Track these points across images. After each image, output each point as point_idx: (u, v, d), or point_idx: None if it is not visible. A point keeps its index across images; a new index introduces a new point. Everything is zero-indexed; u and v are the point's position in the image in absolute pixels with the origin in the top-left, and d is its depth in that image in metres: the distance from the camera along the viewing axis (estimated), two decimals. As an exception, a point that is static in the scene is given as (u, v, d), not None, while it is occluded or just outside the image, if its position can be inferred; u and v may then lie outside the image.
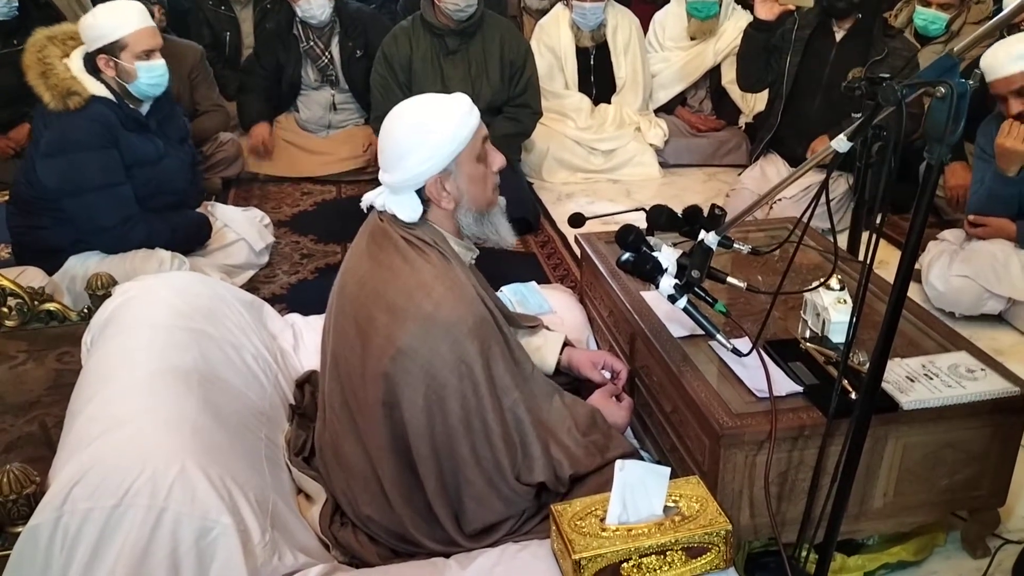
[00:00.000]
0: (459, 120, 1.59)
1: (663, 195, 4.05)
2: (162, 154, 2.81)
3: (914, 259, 1.34)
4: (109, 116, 2.65)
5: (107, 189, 2.68)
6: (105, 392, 1.58)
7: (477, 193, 1.66)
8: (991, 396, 1.66)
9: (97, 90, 2.65)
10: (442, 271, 1.60)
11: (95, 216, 2.71)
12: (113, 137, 2.66)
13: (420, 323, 1.54)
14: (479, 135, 1.63)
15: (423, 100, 1.64)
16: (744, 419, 1.63)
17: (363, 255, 1.68)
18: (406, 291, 1.57)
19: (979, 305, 2.75)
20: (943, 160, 1.27)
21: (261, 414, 1.81)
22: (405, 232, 1.63)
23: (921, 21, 3.81)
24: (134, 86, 2.71)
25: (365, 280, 1.64)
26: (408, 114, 1.62)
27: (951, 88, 1.23)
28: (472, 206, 1.66)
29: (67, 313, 2.16)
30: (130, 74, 2.68)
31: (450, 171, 1.60)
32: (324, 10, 4.07)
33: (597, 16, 4.23)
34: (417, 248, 1.61)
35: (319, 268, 3.32)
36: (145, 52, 2.70)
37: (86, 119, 2.61)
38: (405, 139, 1.58)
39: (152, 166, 2.78)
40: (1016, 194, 2.75)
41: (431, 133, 1.56)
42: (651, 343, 1.91)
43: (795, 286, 2.08)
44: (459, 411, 1.56)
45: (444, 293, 1.56)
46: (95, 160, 2.63)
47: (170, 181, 2.86)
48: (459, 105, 1.61)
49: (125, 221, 2.74)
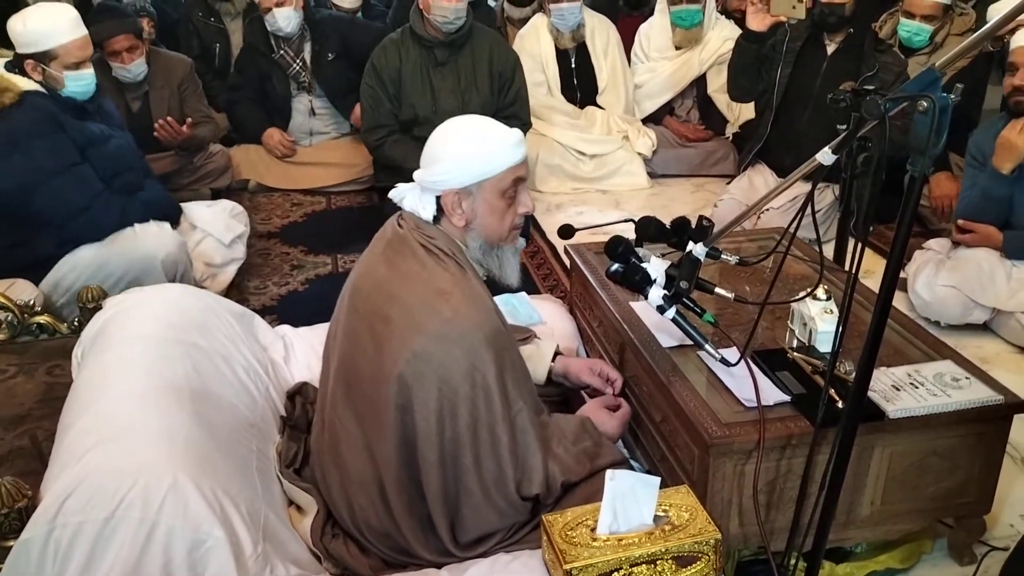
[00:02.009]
0: (497, 149, 1.62)
1: (652, 205, 4.08)
2: (108, 134, 2.80)
3: (898, 270, 1.36)
4: (47, 104, 2.62)
5: (67, 171, 2.64)
6: (96, 405, 1.58)
7: (491, 225, 1.67)
8: (975, 404, 1.69)
9: (28, 86, 2.62)
10: (460, 279, 1.61)
11: (64, 201, 2.65)
12: (57, 123, 2.63)
13: (437, 328, 1.55)
14: (513, 173, 1.65)
15: (482, 120, 1.70)
16: (733, 428, 1.64)
17: (380, 259, 1.69)
18: (424, 296, 1.58)
19: (965, 315, 2.78)
20: (925, 172, 1.29)
21: (252, 426, 1.82)
22: (424, 239, 1.64)
23: (905, 33, 3.85)
24: (62, 91, 2.68)
25: (381, 283, 1.65)
26: (461, 126, 1.67)
27: (933, 102, 1.25)
28: (483, 234, 1.68)
29: (57, 326, 2.16)
30: (57, 82, 2.66)
31: (471, 192, 1.63)
32: (290, 21, 4.11)
33: (575, 16, 4.29)
34: (435, 256, 1.63)
35: (309, 279, 3.33)
36: (75, 63, 2.67)
37: (26, 110, 2.58)
38: (443, 145, 1.64)
39: (104, 145, 2.77)
40: (1007, 196, 2.78)
41: (462, 149, 1.61)
42: (640, 353, 1.92)
43: (783, 296, 2.10)
44: (468, 419, 1.57)
45: (462, 300, 1.58)
46: (46, 146, 2.59)
47: (125, 160, 2.85)
48: (507, 137, 1.65)
49: (95, 199, 2.70)
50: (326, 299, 1.85)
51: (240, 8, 4.87)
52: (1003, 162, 2.70)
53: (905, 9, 3.87)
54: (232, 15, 4.85)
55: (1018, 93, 2.67)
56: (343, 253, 3.52)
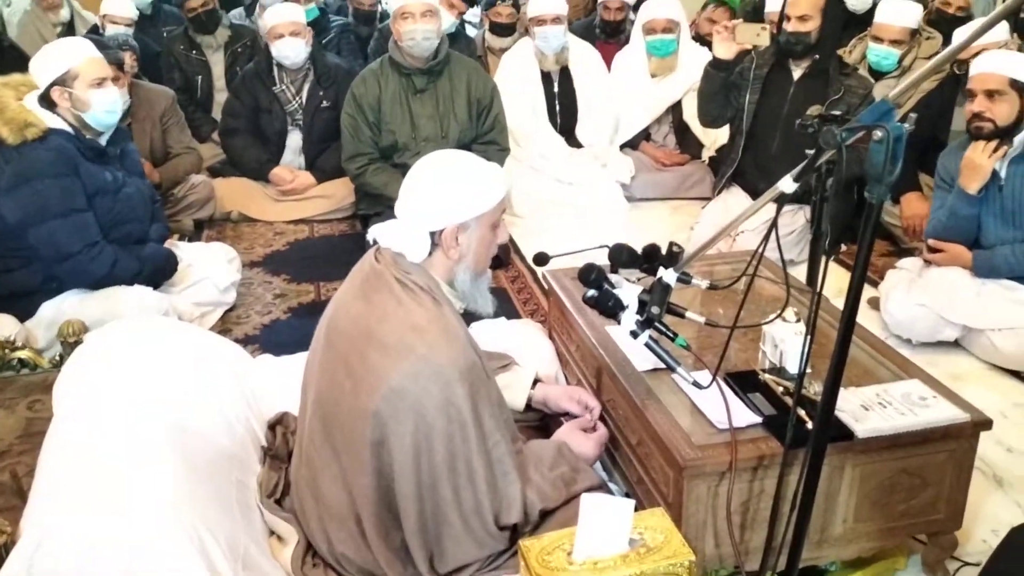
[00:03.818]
0: (496, 185, 1.69)
1: (630, 228, 4.12)
2: (121, 184, 2.84)
3: (860, 291, 1.40)
4: (68, 146, 2.67)
5: (69, 216, 2.68)
6: (76, 442, 1.60)
7: (481, 256, 1.73)
8: (942, 423, 1.72)
9: (54, 123, 2.68)
10: (435, 315, 1.64)
11: (58, 243, 2.69)
12: (73, 166, 2.68)
13: (413, 364, 1.57)
14: (502, 206, 1.73)
15: (468, 155, 1.75)
16: (706, 451, 1.67)
17: (356, 294, 1.72)
18: (399, 332, 1.61)
19: (935, 332, 2.83)
20: (882, 199, 1.34)
21: (232, 457, 1.83)
22: (400, 275, 1.67)
23: (874, 57, 3.94)
24: (90, 116, 2.73)
25: (357, 320, 1.68)
26: (458, 159, 1.72)
27: (887, 132, 1.30)
28: (472, 265, 1.73)
29: (38, 361, 2.17)
30: (85, 103, 2.71)
31: (468, 226, 1.68)
32: (299, 53, 4.14)
33: (558, 38, 4.36)
34: (411, 291, 1.66)
35: (292, 308, 3.35)
36: (97, 80, 2.73)
37: (45, 149, 2.63)
38: (450, 178, 1.66)
39: (113, 195, 2.80)
40: (975, 215, 2.84)
41: (475, 184, 1.66)
42: (616, 377, 1.95)
43: (756, 318, 2.13)
44: (445, 452, 1.59)
45: (437, 336, 1.61)
46: (56, 187, 2.64)
47: (132, 210, 2.88)
48: (496, 173, 1.72)
49: (89, 247, 2.73)
50: (309, 328, 1.87)
51: (221, 41, 4.93)
52: (969, 182, 2.76)
53: (873, 34, 3.97)
54: (214, 48, 4.91)
55: (977, 119, 2.74)
56: (326, 281, 3.54)
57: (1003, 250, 2.79)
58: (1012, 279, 2.79)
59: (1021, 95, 2.69)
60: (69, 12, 5.44)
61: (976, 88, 2.74)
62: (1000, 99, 2.70)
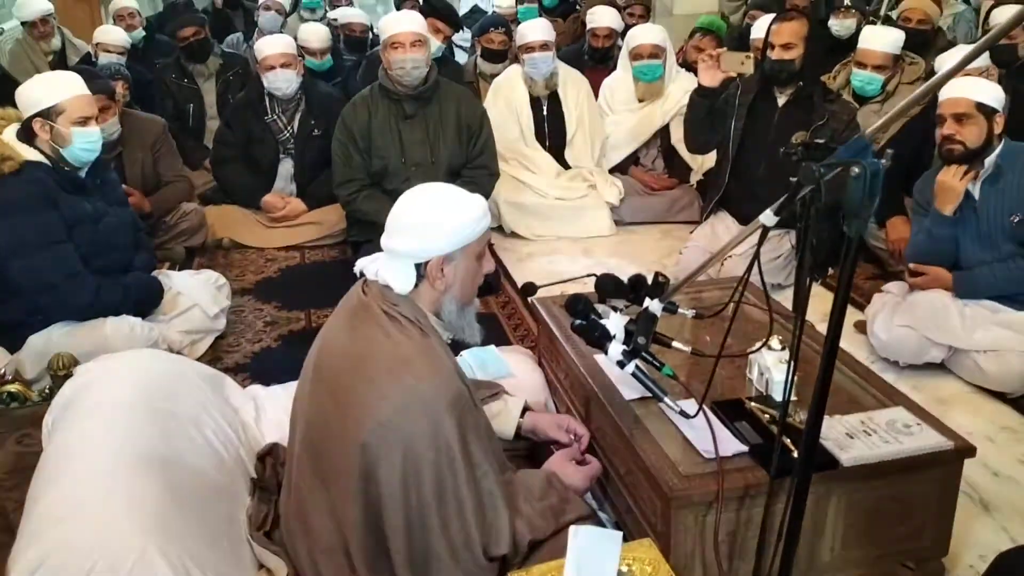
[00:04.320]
0: (479, 215, 1.72)
1: (620, 252, 4.15)
2: (101, 214, 2.84)
3: (840, 325, 1.42)
4: (45, 178, 2.68)
5: (49, 247, 2.67)
6: (65, 477, 1.60)
7: (467, 286, 1.76)
8: (926, 451, 1.74)
9: (31, 155, 2.68)
10: (422, 346, 1.66)
11: (39, 275, 2.69)
12: (51, 198, 2.68)
13: (401, 396, 1.59)
14: (486, 236, 1.77)
15: (452, 187, 1.77)
16: (693, 481, 1.68)
17: (344, 327, 1.74)
18: (387, 364, 1.62)
19: (921, 354, 2.85)
20: (860, 233, 1.36)
21: (222, 490, 1.84)
22: (387, 307, 1.69)
23: (858, 82, 3.99)
24: (68, 151, 2.74)
25: (346, 352, 1.69)
26: (438, 192, 1.73)
27: (864, 168, 1.32)
28: (458, 296, 1.75)
29: (28, 394, 2.17)
30: (65, 139, 2.72)
31: (453, 258, 1.70)
32: (291, 84, 4.16)
33: (548, 64, 4.40)
34: (398, 323, 1.67)
35: (283, 336, 3.35)
36: (81, 119, 2.74)
37: (22, 182, 2.63)
38: (430, 212, 1.68)
39: (93, 225, 2.80)
40: (951, 236, 2.88)
41: (455, 216, 1.68)
42: (604, 406, 1.97)
43: (742, 345, 2.15)
44: (433, 484, 1.60)
45: (425, 368, 1.62)
46: (34, 220, 2.64)
47: (113, 240, 2.88)
48: (480, 204, 1.74)
49: (70, 278, 2.73)
50: (299, 356, 1.88)
51: (213, 69, 4.98)
52: (943, 204, 2.82)
53: (857, 60, 4.02)
54: (205, 76, 4.95)
55: (948, 142, 2.80)
56: (317, 308, 3.55)
57: (982, 270, 2.83)
58: (994, 299, 2.83)
59: (988, 118, 2.76)
60: (61, 40, 5.47)
61: (945, 112, 2.81)
62: (968, 122, 2.77)
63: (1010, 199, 2.78)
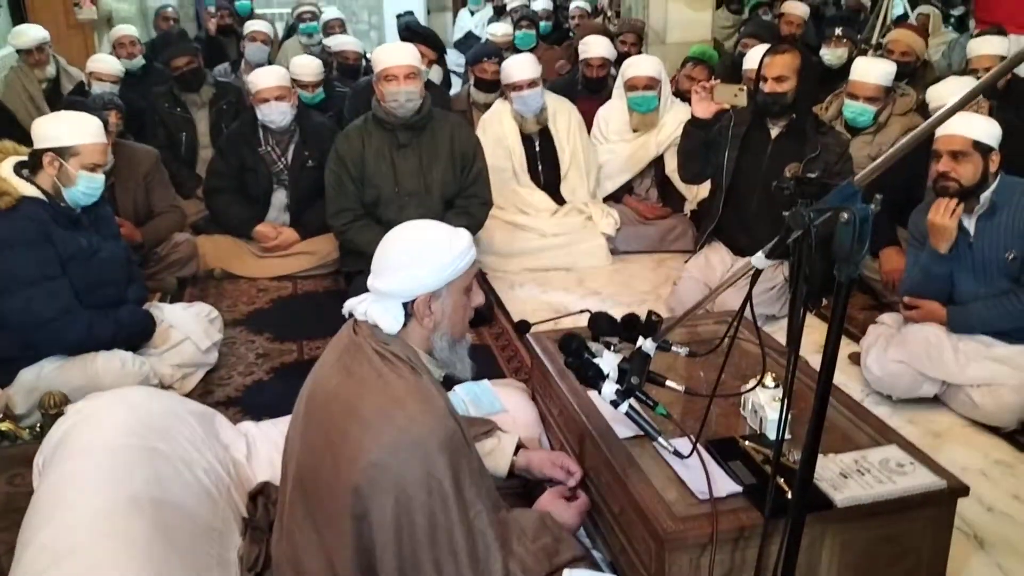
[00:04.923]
0: (462, 250, 1.71)
1: (614, 281, 4.16)
2: (95, 248, 2.84)
3: (834, 364, 1.42)
4: (41, 214, 2.68)
5: (42, 283, 2.67)
6: (56, 520, 1.60)
7: (456, 322, 1.76)
8: (920, 490, 1.74)
9: (27, 191, 2.69)
10: (414, 386, 1.66)
11: (32, 311, 2.68)
12: (46, 234, 2.68)
13: (392, 437, 1.58)
14: (473, 270, 1.76)
15: (433, 223, 1.77)
16: (687, 522, 1.68)
17: (335, 367, 1.73)
18: (379, 405, 1.62)
19: (914, 388, 2.85)
20: (851, 278, 1.37)
21: (212, 530, 1.83)
22: (379, 346, 1.69)
23: (850, 114, 4.02)
24: (70, 192, 2.75)
25: (337, 392, 1.69)
26: (419, 231, 1.74)
27: (854, 214, 1.33)
28: (449, 331, 1.75)
29: (19, 433, 2.16)
30: (70, 179, 2.74)
31: (439, 294, 1.71)
32: (285, 116, 4.17)
33: (537, 100, 4.39)
34: (389, 362, 1.67)
35: (275, 368, 3.33)
36: (92, 165, 2.77)
37: (18, 217, 2.64)
38: (412, 252, 1.69)
39: (87, 260, 2.80)
40: (947, 274, 2.88)
41: (437, 253, 1.68)
42: (598, 444, 1.96)
43: (736, 382, 2.15)
44: (426, 525, 1.59)
45: (416, 408, 1.62)
46: (29, 256, 2.64)
47: (107, 274, 2.88)
48: (463, 238, 1.74)
49: (63, 314, 2.72)
50: (291, 389, 1.87)
51: (206, 99, 4.99)
52: (938, 243, 2.81)
53: (849, 91, 4.05)
54: (199, 105, 4.96)
55: (943, 179, 2.79)
56: (309, 339, 3.54)
57: (977, 306, 2.83)
58: (988, 334, 2.83)
59: (984, 156, 2.76)
60: (55, 68, 5.48)
61: (941, 149, 2.80)
62: (964, 160, 2.76)
63: (1005, 235, 2.78)
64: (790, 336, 2.57)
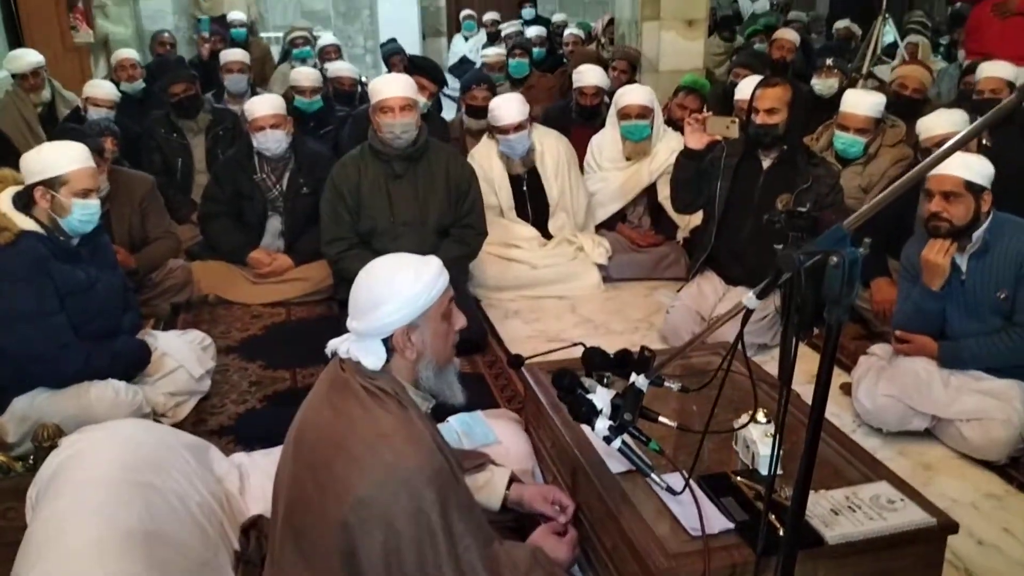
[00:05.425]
0: (430, 279, 1.72)
1: (607, 309, 4.17)
2: (93, 281, 2.84)
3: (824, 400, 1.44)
4: (39, 248, 2.69)
5: (40, 319, 2.68)
6: (51, 556, 1.60)
7: (439, 348, 1.77)
8: (910, 527, 1.75)
9: (27, 225, 2.69)
10: (401, 421, 1.67)
11: (29, 346, 2.69)
12: (45, 269, 2.69)
13: (380, 473, 1.59)
14: (447, 295, 1.77)
15: (399, 257, 1.78)
16: (679, 559, 1.68)
17: (323, 403, 1.74)
18: (366, 441, 1.63)
19: (904, 422, 2.86)
20: (841, 322, 1.38)
21: (205, 564, 1.83)
22: (365, 382, 1.70)
23: (840, 145, 4.07)
24: (66, 221, 2.76)
25: (324, 429, 1.70)
26: (384, 268, 1.74)
27: (843, 258, 1.35)
28: (434, 359, 1.77)
29: (12, 465, 2.16)
30: (65, 209, 2.74)
31: (417, 325, 1.72)
32: (280, 144, 4.20)
33: (523, 144, 4.37)
34: (377, 398, 1.68)
35: (268, 396, 3.33)
36: (83, 191, 2.77)
37: (17, 253, 2.64)
38: (380, 290, 1.70)
39: (84, 294, 2.80)
40: (939, 310, 2.90)
41: (405, 287, 1.69)
42: (591, 479, 1.97)
43: (729, 415, 2.16)
44: (415, 560, 1.60)
45: (404, 443, 1.63)
46: (27, 291, 2.65)
47: (104, 306, 2.88)
48: (431, 266, 1.75)
49: (61, 348, 2.72)
50: (285, 417, 1.88)
51: (203, 125, 5.01)
52: (931, 280, 2.83)
53: (839, 123, 4.10)
54: (195, 131, 4.98)
55: (935, 218, 2.80)
56: (303, 367, 3.54)
57: (968, 342, 2.84)
58: (979, 369, 2.84)
59: (976, 196, 2.76)
60: (50, 93, 5.50)
61: (933, 189, 2.81)
62: (956, 200, 2.76)
63: (997, 274, 2.79)
64: (781, 374, 2.59)
